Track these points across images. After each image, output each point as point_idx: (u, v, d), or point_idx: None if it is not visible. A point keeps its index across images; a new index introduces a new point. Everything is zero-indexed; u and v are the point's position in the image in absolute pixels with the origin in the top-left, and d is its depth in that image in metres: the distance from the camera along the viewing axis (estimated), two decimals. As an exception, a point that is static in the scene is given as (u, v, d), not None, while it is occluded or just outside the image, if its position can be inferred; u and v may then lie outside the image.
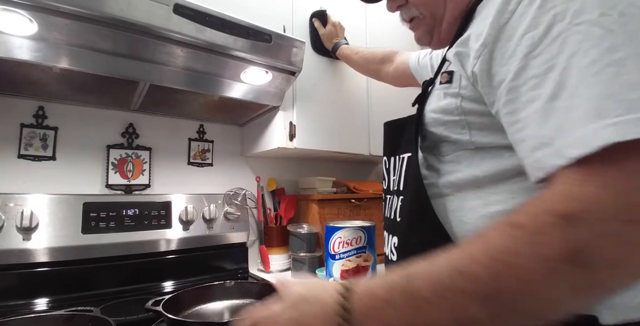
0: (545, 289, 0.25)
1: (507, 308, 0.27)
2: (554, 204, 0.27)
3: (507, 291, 0.26)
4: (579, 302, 0.27)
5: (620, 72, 0.27)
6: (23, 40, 0.67)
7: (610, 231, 0.24)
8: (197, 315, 0.78)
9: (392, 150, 0.59)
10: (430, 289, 0.29)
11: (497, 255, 0.27)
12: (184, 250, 1.05)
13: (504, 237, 0.28)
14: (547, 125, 0.30)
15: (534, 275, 0.25)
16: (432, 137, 0.51)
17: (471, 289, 0.27)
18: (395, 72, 1.00)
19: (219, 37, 0.80)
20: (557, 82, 0.30)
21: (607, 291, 0.27)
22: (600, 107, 0.27)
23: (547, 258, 0.25)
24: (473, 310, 0.27)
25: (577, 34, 0.30)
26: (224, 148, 1.27)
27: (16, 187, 0.90)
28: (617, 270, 0.25)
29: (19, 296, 0.82)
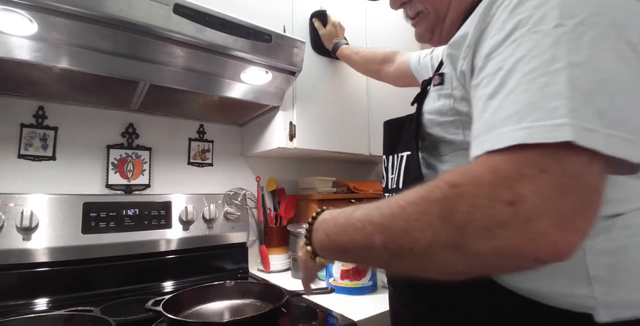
0: (420, 235, 0.30)
1: (395, 242, 0.32)
2: (449, 175, 0.31)
3: (396, 228, 0.32)
4: (453, 260, 0.29)
5: (550, 83, 0.29)
6: (23, 40, 0.67)
7: (479, 203, 0.27)
8: (197, 315, 0.78)
9: (391, 148, 0.60)
10: (360, 216, 0.37)
11: (400, 201, 0.33)
12: (184, 250, 1.05)
13: (411, 191, 0.33)
14: (480, 121, 0.33)
15: (414, 221, 0.31)
16: (430, 137, 0.52)
17: (377, 221, 0.35)
18: (395, 72, 1.00)
19: (219, 37, 0.80)
20: (498, 82, 0.32)
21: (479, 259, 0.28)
22: (521, 111, 0.29)
23: (425, 210, 0.30)
24: (374, 237, 0.34)
25: (529, 41, 0.31)
26: (224, 148, 1.27)
27: (16, 187, 0.90)
28: (483, 241, 0.27)
29: (19, 296, 0.82)
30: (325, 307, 0.82)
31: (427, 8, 0.56)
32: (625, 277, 0.37)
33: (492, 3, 0.37)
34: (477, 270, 0.31)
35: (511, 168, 0.27)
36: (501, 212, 0.26)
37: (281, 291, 0.79)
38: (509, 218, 0.26)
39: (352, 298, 0.90)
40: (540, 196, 0.26)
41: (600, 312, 0.36)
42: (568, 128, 0.26)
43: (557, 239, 0.26)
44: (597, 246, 0.37)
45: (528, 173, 0.27)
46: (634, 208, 0.38)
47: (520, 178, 0.27)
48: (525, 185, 0.26)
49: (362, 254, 0.38)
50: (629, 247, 0.37)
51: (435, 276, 0.33)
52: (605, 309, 0.36)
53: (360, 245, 0.37)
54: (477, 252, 0.28)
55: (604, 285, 0.37)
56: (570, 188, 0.26)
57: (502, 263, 0.29)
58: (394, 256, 0.33)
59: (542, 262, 0.27)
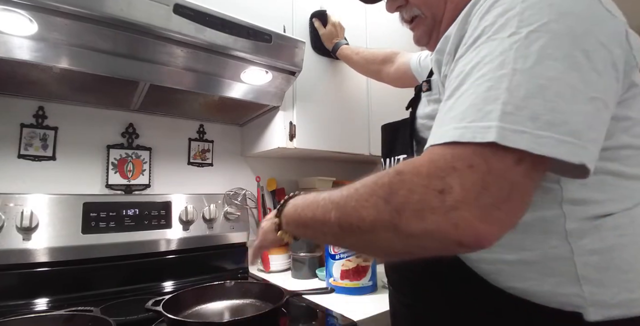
0: (366, 214, 0.33)
1: (346, 220, 0.35)
2: (399, 164, 0.34)
3: (348, 206, 0.35)
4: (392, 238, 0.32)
5: (493, 87, 0.31)
6: (23, 40, 0.67)
7: (416, 190, 0.30)
8: (197, 315, 0.78)
9: (389, 152, 0.61)
10: (325, 196, 0.40)
11: (357, 185, 0.36)
12: (184, 250, 1.05)
13: (369, 177, 0.36)
14: (437, 118, 0.36)
15: (363, 201, 0.34)
16: (424, 141, 0.53)
17: (335, 200, 0.38)
18: (396, 73, 1.00)
19: (219, 37, 0.80)
20: (456, 85, 0.35)
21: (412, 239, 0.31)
22: (464, 112, 0.32)
23: (373, 192, 0.33)
24: (330, 213, 0.37)
25: (487, 48, 0.34)
26: (224, 148, 1.27)
27: (16, 187, 0.90)
28: (416, 222, 0.30)
29: (19, 296, 0.82)
30: (325, 307, 0.82)
31: (424, 12, 0.57)
32: (614, 277, 0.37)
33: (470, 10, 0.39)
34: (411, 249, 0.34)
35: (445, 162, 0.30)
36: (432, 198, 0.29)
37: (281, 291, 0.79)
38: (438, 205, 0.29)
39: (352, 298, 0.90)
40: (465, 188, 0.29)
41: (590, 311, 0.36)
42: (494, 131, 0.29)
43: (477, 228, 0.28)
44: (586, 246, 0.38)
45: (458, 167, 0.30)
46: (622, 209, 0.38)
47: (451, 171, 0.30)
48: (454, 177, 0.29)
49: (319, 229, 0.41)
50: (618, 247, 0.38)
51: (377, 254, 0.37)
52: (595, 308, 0.36)
53: (319, 220, 0.40)
54: (409, 232, 0.31)
55: (593, 284, 0.37)
56: (492, 184, 0.29)
57: (430, 244, 0.31)
58: (345, 233, 0.36)
59: (465, 247, 0.29)
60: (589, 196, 0.38)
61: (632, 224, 0.38)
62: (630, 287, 0.37)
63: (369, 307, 0.82)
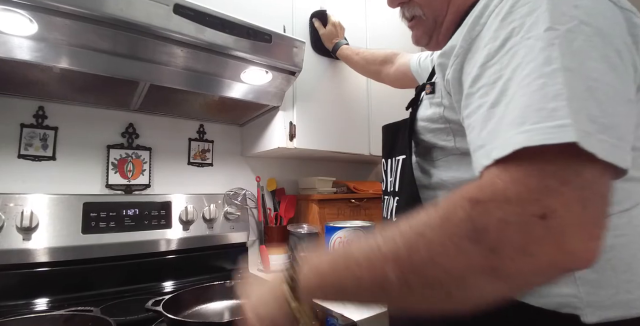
0: (449, 262, 0.28)
1: (417, 276, 0.29)
2: (468, 191, 0.29)
3: (417, 259, 0.29)
4: (489, 286, 0.28)
5: (547, 84, 0.28)
6: (23, 40, 0.67)
7: (511, 220, 0.26)
8: (197, 315, 0.78)
9: (389, 152, 0.61)
10: (360, 252, 0.33)
11: (414, 228, 0.30)
12: (184, 250, 1.05)
13: (424, 214, 0.31)
14: (485, 129, 0.32)
15: (438, 247, 0.28)
16: (424, 143, 0.53)
17: (388, 254, 0.30)
18: (395, 74, 1.00)
19: (219, 37, 0.80)
20: (500, 91, 0.32)
21: (517, 280, 0.27)
22: (522, 115, 0.29)
23: (451, 233, 0.28)
24: (387, 273, 0.30)
25: (524, 47, 0.31)
26: (224, 148, 1.27)
27: (16, 187, 0.90)
28: (521, 260, 0.26)
29: (19, 296, 0.82)
30: (325, 307, 0.82)
31: (425, 13, 0.56)
32: (612, 277, 0.37)
33: (482, 12, 0.37)
34: (513, 292, 0.29)
35: (535, 181, 0.26)
36: (535, 227, 0.25)
37: (281, 291, 0.79)
38: (543, 233, 0.25)
39: (352, 298, 0.89)
40: (569, 209, 0.25)
41: (587, 312, 0.36)
42: (570, 129, 0.26)
43: (589, 248, 0.25)
44: None
45: (552, 185, 0.26)
46: (620, 210, 0.38)
47: (546, 190, 0.26)
48: (553, 197, 0.25)
49: (369, 294, 0.33)
50: (615, 247, 0.37)
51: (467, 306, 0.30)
52: (592, 309, 0.36)
53: (369, 284, 0.32)
54: (515, 272, 0.26)
55: (589, 285, 0.37)
56: (590, 200, 0.26)
57: (540, 279, 0.28)
58: (417, 291, 0.30)
59: (571, 272, 0.27)
60: None
61: (630, 225, 0.38)
62: (628, 288, 0.36)
63: (369, 307, 0.82)
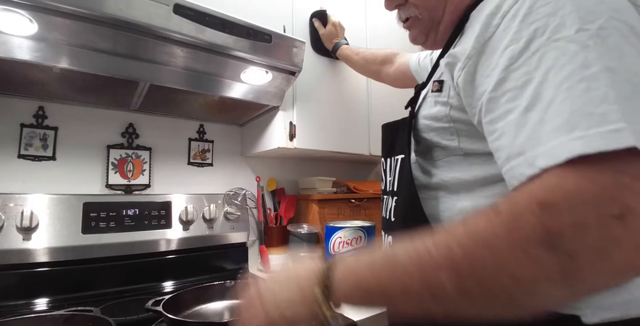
0: (520, 271, 0.26)
1: (479, 285, 0.28)
2: (533, 193, 0.27)
3: (481, 268, 0.27)
4: (560, 292, 0.26)
5: (591, 88, 0.28)
6: (23, 40, 0.67)
7: (589, 222, 0.25)
8: (197, 315, 0.78)
9: (388, 151, 0.61)
10: (408, 258, 0.32)
11: (474, 235, 0.28)
12: (184, 250, 1.05)
13: (483, 220, 0.29)
14: (520, 136, 0.31)
15: (507, 256, 0.26)
16: (425, 142, 0.52)
17: (444, 262, 0.29)
18: (395, 74, 1.00)
19: (219, 37, 0.80)
20: (532, 95, 0.31)
21: (591, 285, 0.26)
22: (569, 121, 0.27)
23: (521, 240, 0.26)
24: (443, 281, 0.28)
25: (555, 49, 0.31)
26: (224, 148, 1.27)
27: (16, 187, 0.90)
28: (599, 263, 0.25)
29: (19, 296, 0.82)
30: (325, 307, 0.81)
31: (421, 13, 0.56)
32: None
33: (494, 13, 0.37)
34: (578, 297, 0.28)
35: (609, 179, 0.25)
36: (613, 228, 0.24)
37: (281, 291, 0.79)
38: (622, 234, 0.24)
39: (352, 298, 0.89)
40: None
41: (588, 313, 0.36)
42: (627, 133, 0.25)
43: None
44: None
45: (626, 182, 0.25)
46: None
47: (621, 188, 0.25)
48: (629, 195, 0.24)
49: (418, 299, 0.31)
50: None
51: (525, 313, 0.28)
52: (593, 310, 0.36)
53: (416, 291, 0.30)
54: (591, 278, 0.25)
55: None
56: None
57: (616, 282, 0.27)
58: (476, 299, 0.28)
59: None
60: None
61: None
62: (628, 288, 0.36)
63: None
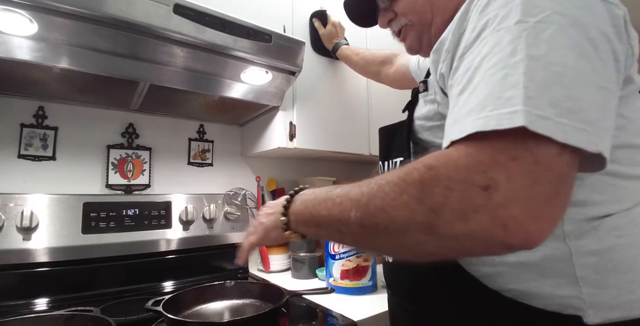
0: (396, 214, 0.31)
1: (371, 220, 0.33)
2: (428, 158, 0.32)
3: (373, 205, 0.33)
4: (427, 240, 0.30)
5: (509, 74, 0.30)
6: (23, 40, 0.67)
7: (456, 187, 0.28)
8: (197, 315, 0.78)
9: (387, 154, 0.61)
10: (339, 192, 0.38)
11: (379, 181, 0.34)
12: (184, 250, 1.05)
13: (392, 172, 0.34)
14: (451, 116, 0.35)
15: (391, 200, 0.31)
16: (422, 142, 0.53)
17: (354, 197, 0.35)
18: (395, 75, 1.00)
19: (219, 37, 0.80)
20: (467, 80, 0.34)
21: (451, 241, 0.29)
22: (482, 103, 0.30)
23: (404, 191, 0.31)
24: (350, 212, 0.35)
25: (494, 38, 0.33)
26: (224, 148, 1.27)
27: (16, 187, 0.90)
28: (457, 224, 0.27)
29: (19, 296, 0.82)
30: (325, 307, 0.82)
31: (410, 20, 0.58)
32: (613, 278, 0.37)
33: (468, 7, 0.39)
34: (448, 252, 0.31)
35: (486, 155, 0.28)
36: (476, 196, 0.27)
37: (281, 291, 0.79)
38: (482, 203, 0.27)
39: (352, 298, 0.90)
40: (513, 183, 0.26)
41: (590, 313, 0.36)
42: (521, 115, 0.27)
43: (528, 227, 0.26)
44: (585, 247, 0.37)
45: (501, 160, 0.27)
46: (622, 209, 0.38)
47: (494, 164, 0.27)
48: (499, 171, 0.27)
49: (335, 228, 0.38)
50: (617, 248, 0.37)
51: (406, 256, 0.34)
52: (594, 310, 0.36)
53: (336, 219, 0.37)
54: (450, 234, 0.28)
55: (592, 285, 0.37)
56: (542, 177, 0.27)
57: (473, 246, 0.29)
58: (369, 233, 0.34)
59: (512, 249, 0.28)
60: (587, 197, 0.38)
61: (631, 224, 0.38)
62: (630, 288, 0.36)
63: (369, 307, 0.82)
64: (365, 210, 0.33)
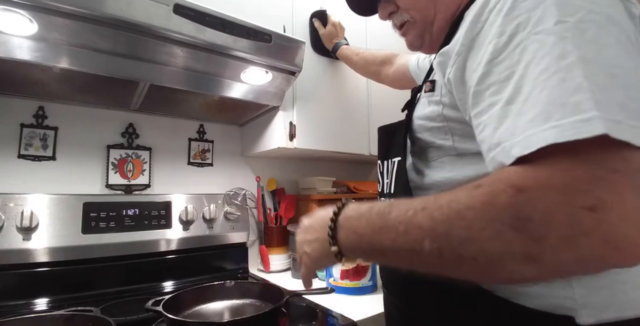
0: (488, 246, 0.27)
1: (454, 251, 0.29)
2: (511, 177, 0.28)
3: (455, 236, 0.29)
4: (524, 270, 0.27)
5: (566, 78, 0.28)
6: (23, 40, 0.67)
7: (558, 211, 0.25)
8: (197, 315, 0.78)
9: (385, 154, 0.61)
10: (397, 216, 0.34)
11: (453, 204, 0.30)
12: (184, 250, 1.05)
13: (464, 193, 0.31)
14: (501, 127, 0.32)
15: (478, 230, 0.28)
16: (420, 142, 0.53)
17: (425, 225, 0.31)
18: (395, 75, 1.00)
19: (219, 37, 0.80)
20: (514, 88, 0.32)
21: (555, 269, 0.27)
22: (544, 111, 0.28)
23: (493, 216, 0.27)
24: (423, 244, 0.31)
25: (534, 42, 0.31)
26: (224, 148, 1.27)
27: (16, 187, 0.90)
28: (564, 251, 0.25)
29: (19, 296, 0.82)
30: (325, 307, 0.82)
31: (413, 16, 0.57)
32: (606, 279, 0.37)
33: (482, 9, 0.37)
34: (546, 277, 0.29)
35: (582, 170, 0.26)
36: (583, 219, 0.24)
37: (281, 291, 0.79)
38: (592, 226, 0.24)
39: (352, 298, 0.90)
40: (622, 199, 0.24)
41: (582, 314, 0.36)
42: (598, 122, 0.25)
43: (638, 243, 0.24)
44: None
45: (601, 175, 0.25)
46: None
47: (595, 180, 0.25)
48: (603, 188, 0.25)
49: (406, 259, 0.34)
50: None
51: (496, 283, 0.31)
52: (587, 311, 0.36)
53: (405, 250, 0.33)
54: (554, 262, 0.26)
55: (584, 286, 0.37)
56: None
57: (578, 270, 0.27)
58: (450, 264, 0.30)
59: (620, 267, 0.26)
60: None
61: None
62: (623, 289, 0.36)
63: (369, 307, 0.82)
64: (445, 241, 0.30)
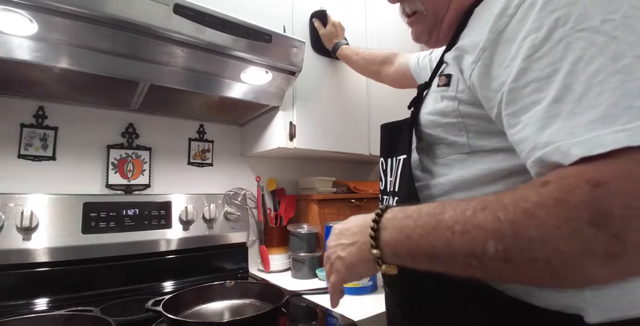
0: (564, 245, 0.26)
1: (523, 254, 0.28)
2: (584, 172, 0.27)
3: (525, 236, 0.27)
4: (603, 270, 0.26)
5: (626, 80, 0.28)
6: (23, 40, 0.67)
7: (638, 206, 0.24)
8: (197, 315, 0.78)
9: (390, 152, 0.60)
10: (452, 216, 0.32)
11: (520, 203, 0.28)
12: (184, 250, 1.05)
13: (531, 191, 0.29)
14: (550, 126, 0.31)
15: (553, 229, 0.26)
16: (429, 139, 0.51)
17: (489, 226, 0.29)
18: (395, 74, 1.00)
19: (219, 37, 0.80)
20: (561, 86, 0.30)
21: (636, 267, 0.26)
22: (608, 113, 0.27)
23: (569, 214, 0.26)
24: (488, 246, 0.29)
25: (580, 40, 0.30)
26: (224, 148, 1.27)
27: (16, 187, 0.90)
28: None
29: (19, 296, 0.82)
30: (325, 307, 0.82)
31: (426, 8, 0.56)
32: None
33: (508, 4, 0.36)
34: (628, 277, 0.28)
35: None
36: None
37: (281, 291, 0.79)
38: None
39: (352, 298, 0.90)
40: None
41: (590, 313, 0.36)
42: None
43: None
44: None
45: None
46: None
47: None
48: None
49: (462, 262, 0.32)
50: None
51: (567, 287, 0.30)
52: (595, 310, 0.36)
53: (462, 253, 0.31)
54: (637, 261, 0.25)
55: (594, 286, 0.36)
56: None
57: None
58: (517, 268, 0.29)
59: None
60: None
61: None
62: (631, 288, 0.36)
63: (369, 307, 0.82)
64: (513, 243, 0.28)
